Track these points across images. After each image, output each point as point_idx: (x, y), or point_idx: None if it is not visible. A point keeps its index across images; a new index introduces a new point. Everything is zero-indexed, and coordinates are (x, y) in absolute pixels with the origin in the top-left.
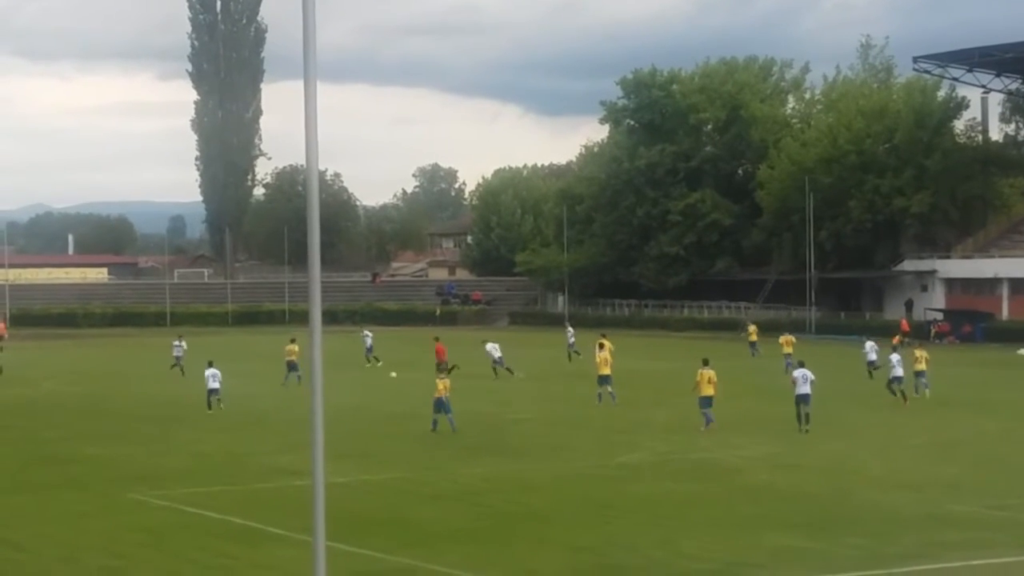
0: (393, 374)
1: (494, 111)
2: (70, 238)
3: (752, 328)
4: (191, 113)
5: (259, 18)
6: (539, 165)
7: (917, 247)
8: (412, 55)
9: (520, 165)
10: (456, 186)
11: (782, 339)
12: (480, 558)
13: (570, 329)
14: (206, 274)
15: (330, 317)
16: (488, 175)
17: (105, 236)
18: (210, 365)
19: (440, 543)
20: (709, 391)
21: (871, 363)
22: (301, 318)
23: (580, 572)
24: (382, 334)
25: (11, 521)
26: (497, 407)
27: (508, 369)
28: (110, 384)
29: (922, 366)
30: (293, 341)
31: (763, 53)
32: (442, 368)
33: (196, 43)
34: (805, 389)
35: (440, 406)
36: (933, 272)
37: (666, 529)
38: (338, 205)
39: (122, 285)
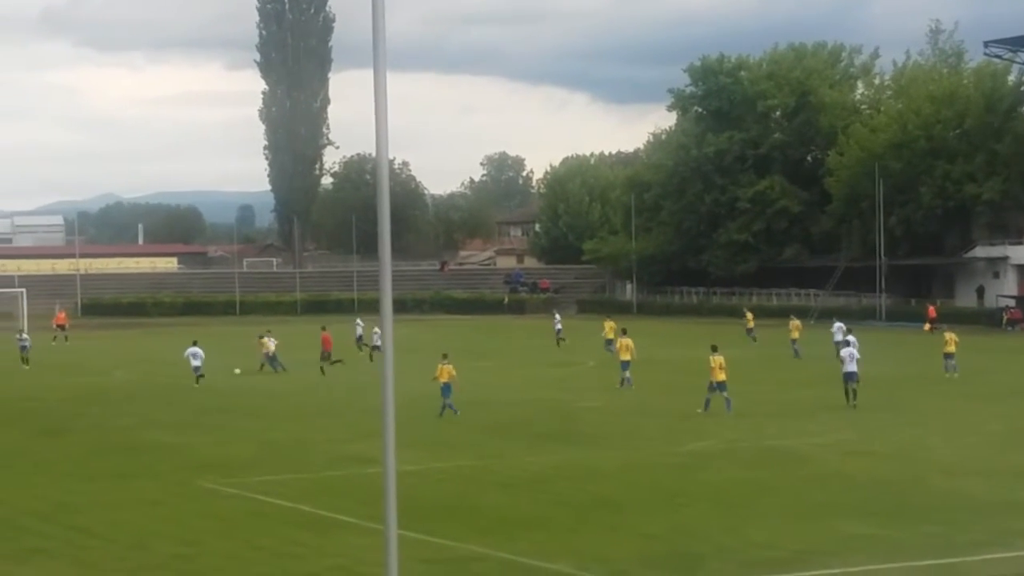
0: (237, 371)
1: (562, 99)
2: (140, 228)
3: (749, 315)
4: (259, 103)
5: (327, 7)
6: (607, 153)
7: (988, 233)
8: (479, 43)
9: (588, 153)
10: (524, 174)
11: (791, 324)
12: (550, 546)
13: (557, 316)
14: (275, 263)
15: (399, 305)
16: (556, 163)
17: (175, 226)
18: (194, 344)
19: (510, 531)
20: (720, 376)
21: (838, 343)
22: (369, 306)
23: (651, 560)
24: (451, 323)
25: (84, 508)
26: (566, 395)
27: (377, 349)
28: (180, 373)
29: (951, 348)
30: (268, 332)
31: (832, 39)
32: (325, 358)
33: (264, 32)
34: (852, 367)
35: (447, 391)
36: (1005, 258)
37: (736, 517)
38: (406, 194)
39: (191, 274)
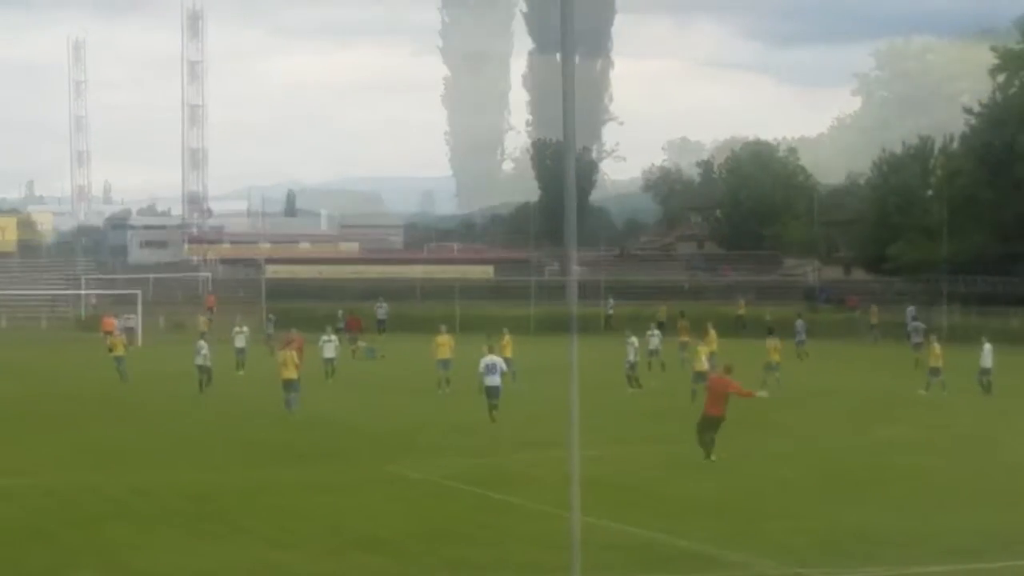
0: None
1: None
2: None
3: (742, 307)
4: (441, 88)
5: None
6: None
7: None
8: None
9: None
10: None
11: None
12: (733, 533)
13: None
14: (455, 248)
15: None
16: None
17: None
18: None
19: (692, 517)
20: (776, 358)
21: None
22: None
23: (835, 547)
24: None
25: (279, 489)
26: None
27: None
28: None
29: None
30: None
31: None
32: (353, 340)
33: (447, 19)
34: (987, 363)
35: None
36: None
37: (926, 505)
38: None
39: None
